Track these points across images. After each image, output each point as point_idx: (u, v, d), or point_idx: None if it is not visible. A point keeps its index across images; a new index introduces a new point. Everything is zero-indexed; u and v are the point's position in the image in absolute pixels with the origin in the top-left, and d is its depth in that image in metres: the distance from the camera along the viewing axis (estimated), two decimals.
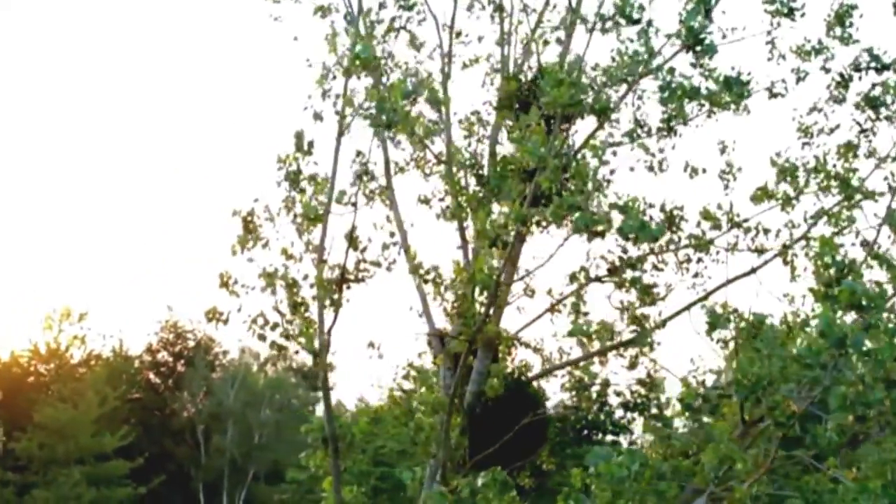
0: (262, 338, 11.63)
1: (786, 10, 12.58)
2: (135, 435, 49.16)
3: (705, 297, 13.29)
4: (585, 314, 12.29)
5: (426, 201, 15.10)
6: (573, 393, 21.10)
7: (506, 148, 14.63)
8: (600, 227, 9.69)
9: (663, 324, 13.30)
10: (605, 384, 22.44)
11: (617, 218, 10.27)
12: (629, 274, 11.32)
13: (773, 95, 13.17)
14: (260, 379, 65.22)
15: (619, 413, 25.72)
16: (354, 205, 11.51)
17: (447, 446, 12.46)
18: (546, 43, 14.78)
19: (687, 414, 10.60)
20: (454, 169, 13.74)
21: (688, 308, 13.28)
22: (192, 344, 62.56)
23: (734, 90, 10.57)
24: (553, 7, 14.93)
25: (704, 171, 12.89)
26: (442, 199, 15.01)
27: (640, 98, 11.16)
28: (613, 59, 11.10)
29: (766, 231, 13.18)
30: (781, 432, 8.96)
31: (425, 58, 14.36)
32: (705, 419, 10.93)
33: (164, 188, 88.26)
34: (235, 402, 59.70)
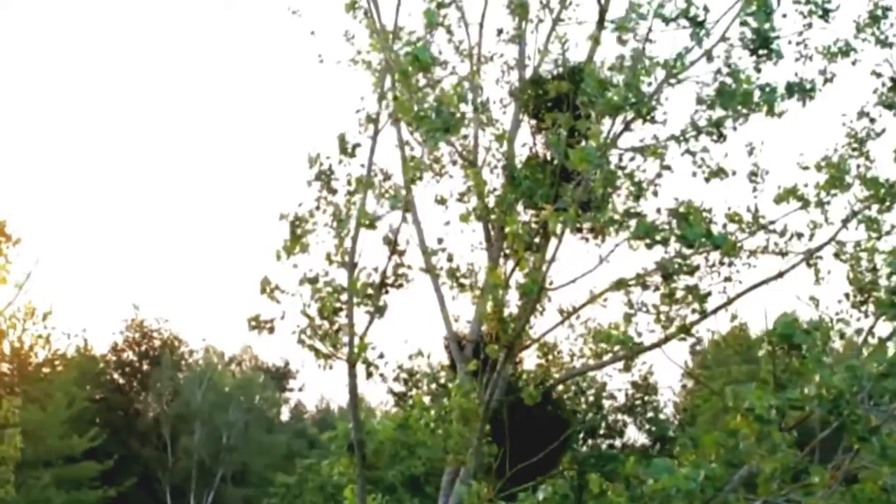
0: (312, 348, 11.24)
1: (820, 12, 12.43)
2: (103, 437, 48.34)
3: (729, 302, 13.12)
4: (634, 322, 12.03)
5: (442, 202, 14.81)
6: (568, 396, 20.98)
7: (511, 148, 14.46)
8: (660, 236, 9.41)
9: (688, 329, 13.13)
10: (602, 387, 22.26)
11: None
12: (681, 281, 11.05)
13: (803, 97, 13.03)
14: (227, 379, 64.55)
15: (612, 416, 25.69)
16: (406, 210, 11.17)
17: (479, 454, 12.16)
18: (564, 42, 14.55)
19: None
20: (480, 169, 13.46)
21: (714, 312, 13.10)
22: (158, 343, 61.73)
23: (796, 95, 10.38)
24: (573, 4, 14.72)
25: (734, 173, 12.69)
26: (460, 200, 14.73)
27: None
28: (652, 61, 10.84)
29: (800, 235, 13.03)
30: (857, 445, 8.76)
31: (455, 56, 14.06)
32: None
33: (132, 185, 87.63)
34: (203, 402, 58.96)
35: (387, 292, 11.43)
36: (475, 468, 12.35)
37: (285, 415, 73.54)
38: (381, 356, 12.25)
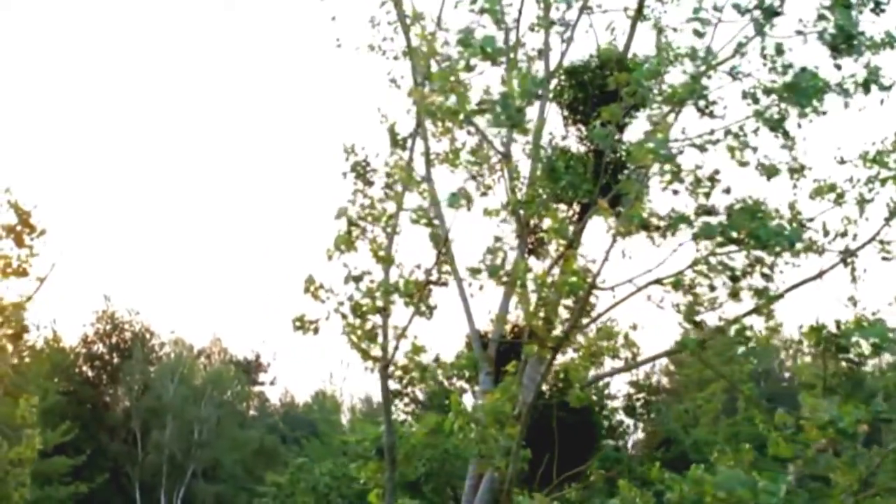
0: (359, 349, 10.68)
1: (872, 5, 12.03)
2: (75, 431, 47.33)
3: (769, 302, 12.70)
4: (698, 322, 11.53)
5: (466, 197, 14.32)
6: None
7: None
8: (735, 234, 8.94)
9: (723, 330, 12.71)
10: (605, 386, 21.70)
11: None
12: (747, 282, 10.55)
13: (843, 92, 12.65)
14: (199, 373, 63.63)
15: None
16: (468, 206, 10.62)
17: (517, 459, 11.66)
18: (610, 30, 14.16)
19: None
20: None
21: (750, 313, 12.69)
22: (129, 335, 60.64)
23: (868, 91, 9.95)
24: None
25: (777, 170, 12.26)
26: (485, 195, 14.23)
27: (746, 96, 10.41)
28: (708, 52, 10.37)
29: (843, 234, 12.62)
30: None
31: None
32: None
33: (102, 176, 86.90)
34: (175, 396, 58.00)
35: (430, 291, 10.89)
36: (513, 474, 11.85)
37: (253, 409, 72.63)
38: (416, 357, 11.72)
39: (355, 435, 12.23)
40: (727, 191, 9.73)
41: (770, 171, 10.48)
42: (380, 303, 10.57)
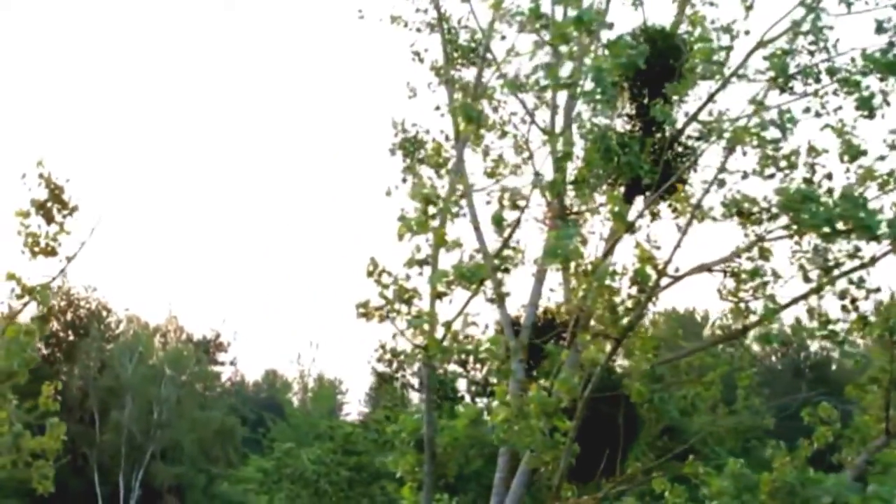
0: (424, 349, 9.98)
1: None
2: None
3: (819, 289, 12.22)
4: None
5: (492, 175, 13.66)
6: None
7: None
8: (842, 225, 8.36)
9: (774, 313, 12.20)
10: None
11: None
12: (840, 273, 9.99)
13: None
14: (156, 351, 62.43)
15: None
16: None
17: (568, 455, 11.07)
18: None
19: None
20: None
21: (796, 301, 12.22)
22: (84, 313, 59.23)
23: None
24: None
25: (864, 151, 11.74)
26: (514, 173, 13.58)
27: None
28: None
29: None
30: None
31: None
32: None
33: (66, 150, 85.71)
34: (134, 375, 56.75)
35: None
36: (563, 469, 11.26)
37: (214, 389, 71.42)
38: (460, 343, 11.07)
39: (392, 426, 11.58)
40: (829, 176, 9.16)
41: (853, 152, 9.89)
42: (442, 288, 9.89)
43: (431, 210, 9.51)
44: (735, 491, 14.19)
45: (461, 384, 25.72)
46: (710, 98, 11.67)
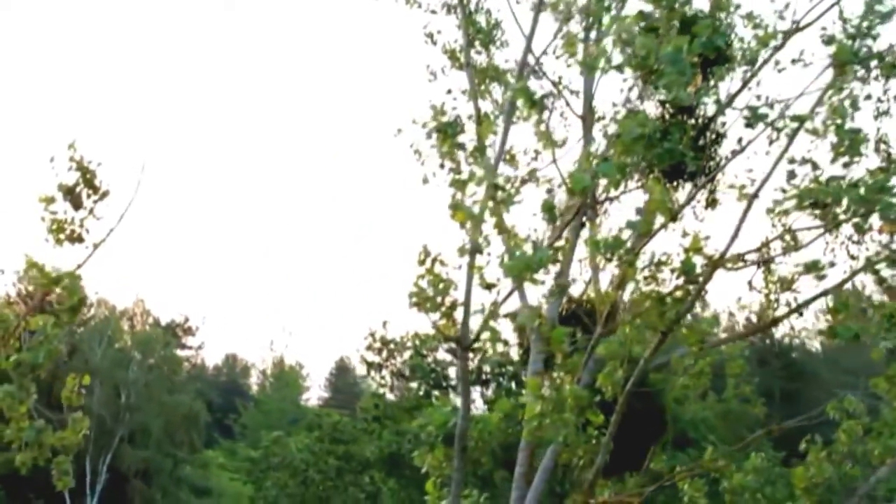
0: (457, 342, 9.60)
1: None
2: None
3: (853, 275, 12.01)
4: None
5: (511, 159, 13.32)
6: None
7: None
8: None
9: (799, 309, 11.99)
10: None
11: None
12: None
13: None
14: (125, 335, 61.59)
15: None
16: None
17: (606, 451, 10.78)
18: None
19: None
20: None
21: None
22: (55, 297, 58.07)
23: None
24: None
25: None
26: (535, 159, 13.22)
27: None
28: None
29: None
30: None
31: None
32: None
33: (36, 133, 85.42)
34: (103, 359, 55.91)
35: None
36: (600, 465, 10.97)
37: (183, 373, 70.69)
38: (500, 338, 10.73)
39: (419, 420, 11.19)
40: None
41: None
42: (491, 278, 9.52)
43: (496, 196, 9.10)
44: (757, 485, 14.04)
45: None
46: (746, 84, 11.42)
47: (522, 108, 10.05)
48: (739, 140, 10.64)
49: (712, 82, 11.72)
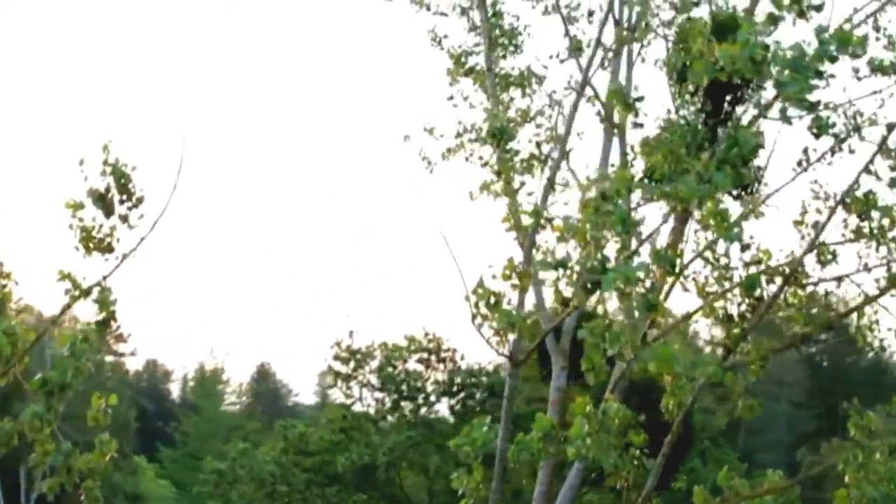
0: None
1: None
2: None
3: None
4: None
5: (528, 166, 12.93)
6: None
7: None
8: None
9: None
10: None
11: None
12: None
13: None
14: (55, 341, 59.77)
15: None
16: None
17: (657, 474, 10.40)
18: None
19: None
20: None
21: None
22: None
23: None
24: None
25: None
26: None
27: None
28: None
29: None
30: None
31: None
32: None
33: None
34: (35, 365, 54.03)
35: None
36: (650, 490, 10.59)
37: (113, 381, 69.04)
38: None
39: (455, 439, 10.57)
40: None
41: None
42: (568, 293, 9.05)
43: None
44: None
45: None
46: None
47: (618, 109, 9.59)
48: (805, 150, 10.32)
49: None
